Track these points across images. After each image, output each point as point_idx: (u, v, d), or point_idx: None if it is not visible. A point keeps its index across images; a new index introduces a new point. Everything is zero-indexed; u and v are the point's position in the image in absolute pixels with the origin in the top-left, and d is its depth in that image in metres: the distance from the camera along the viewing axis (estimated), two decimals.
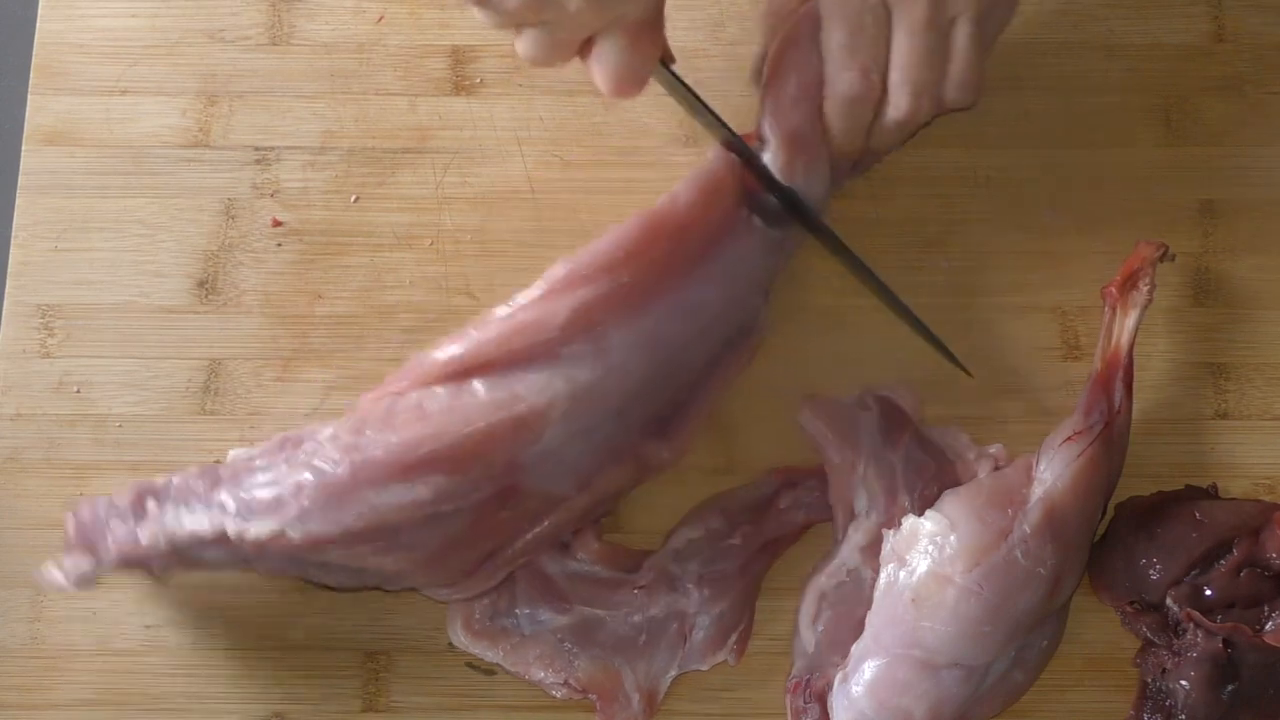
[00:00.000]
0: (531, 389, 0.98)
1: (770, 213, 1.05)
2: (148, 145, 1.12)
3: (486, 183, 1.11)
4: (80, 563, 0.98)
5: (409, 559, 0.97)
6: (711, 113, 1.07)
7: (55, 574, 0.98)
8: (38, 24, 1.14)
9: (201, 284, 1.10)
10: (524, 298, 1.00)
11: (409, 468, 0.96)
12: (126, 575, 1.02)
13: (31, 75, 1.14)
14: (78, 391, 1.08)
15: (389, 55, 1.14)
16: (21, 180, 1.12)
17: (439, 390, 0.98)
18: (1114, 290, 1.04)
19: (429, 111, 1.13)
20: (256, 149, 1.13)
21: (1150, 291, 1.04)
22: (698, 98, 1.07)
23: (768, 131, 1.05)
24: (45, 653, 1.04)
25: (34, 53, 1.14)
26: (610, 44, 1.01)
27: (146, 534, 0.97)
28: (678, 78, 1.06)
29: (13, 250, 1.10)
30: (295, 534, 0.95)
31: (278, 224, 1.11)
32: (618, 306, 1.00)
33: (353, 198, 1.12)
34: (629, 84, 1.02)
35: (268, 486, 0.97)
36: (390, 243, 1.10)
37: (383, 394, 0.99)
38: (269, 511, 0.96)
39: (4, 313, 1.09)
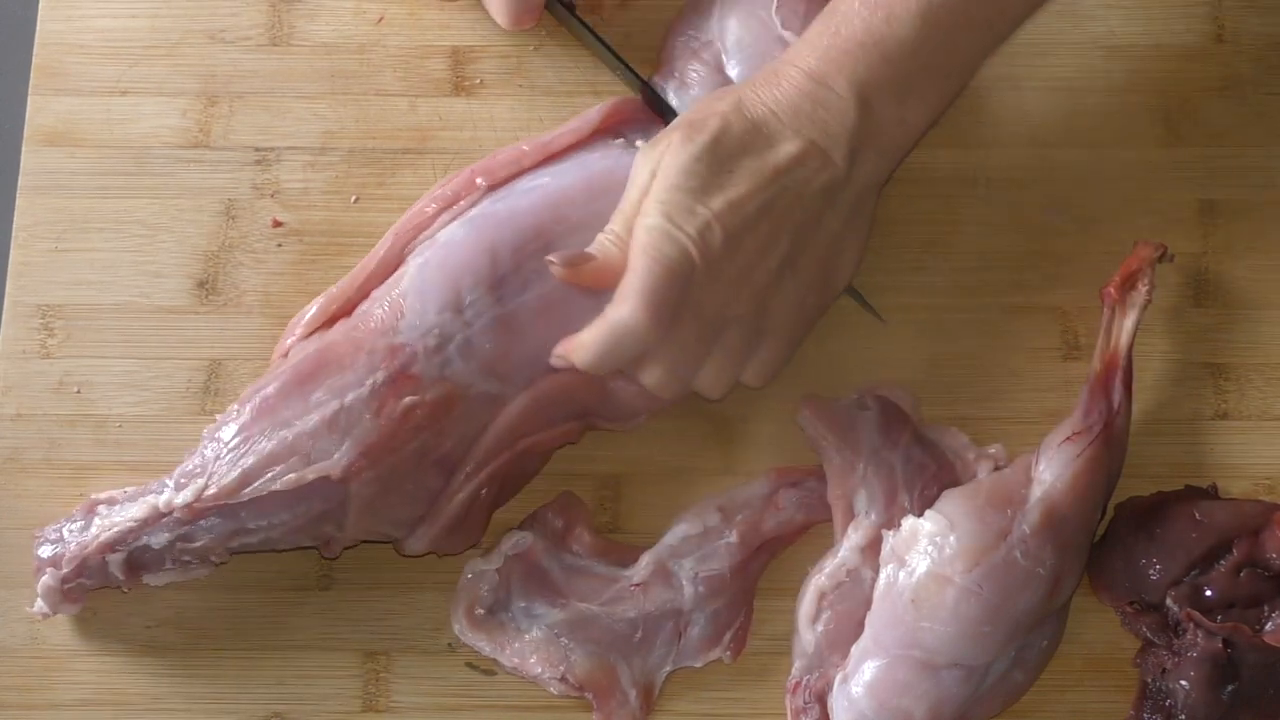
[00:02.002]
0: (386, 288, 1.04)
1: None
2: (148, 146, 1.12)
3: None
4: (46, 578, 1.01)
5: (334, 467, 0.99)
6: (615, 55, 1.10)
7: (38, 603, 1.01)
8: (38, 24, 1.14)
9: (202, 284, 1.10)
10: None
11: (301, 382, 1.00)
12: (98, 589, 1.02)
13: (32, 75, 1.14)
14: (78, 392, 1.08)
15: (389, 56, 1.14)
16: (21, 180, 1.12)
17: (312, 338, 1.04)
18: (1112, 291, 1.04)
19: (429, 112, 1.13)
20: (257, 149, 1.13)
21: (1149, 292, 1.04)
22: (602, 41, 1.10)
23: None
24: (45, 653, 1.04)
25: (34, 53, 1.14)
26: None
27: (92, 532, 1.00)
28: (580, 20, 1.10)
29: (13, 250, 1.11)
30: (219, 479, 0.98)
31: (278, 224, 1.11)
32: (449, 206, 1.06)
33: (353, 198, 1.12)
34: (516, 12, 1.10)
35: (190, 463, 1.00)
36: None
37: (274, 361, 1.05)
38: (193, 477, 0.99)
39: (4, 313, 1.09)
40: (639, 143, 1.07)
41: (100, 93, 1.13)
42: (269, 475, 0.99)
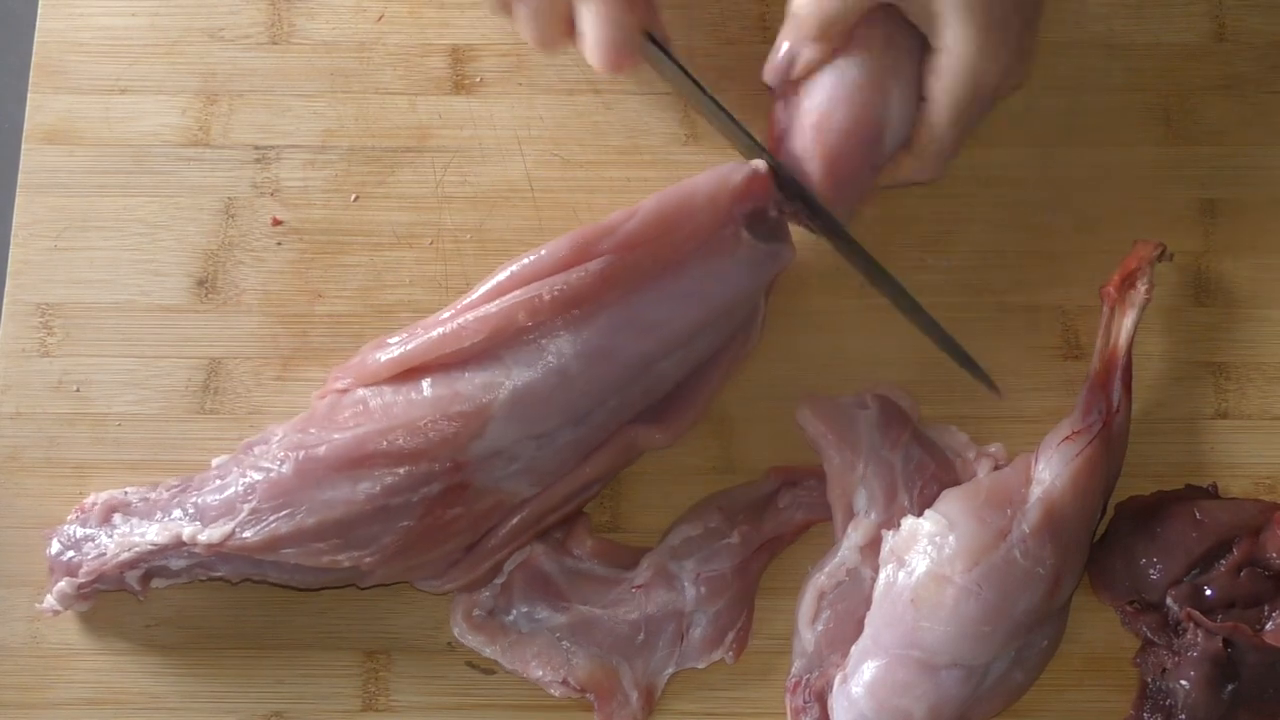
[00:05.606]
0: (472, 386, 0.98)
1: (765, 226, 1.04)
2: (147, 144, 1.12)
3: (486, 182, 1.11)
4: (62, 585, 1.00)
5: (366, 557, 0.98)
6: (706, 92, 1.07)
7: (49, 600, 1.01)
8: (38, 23, 1.14)
9: (201, 283, 1.10)
10: (467, 299, 1.01)
11: (353, 463, 0.97)
12: (110, 591, 1.02)
13: (31, 74, 1.13)
14: (77, 390, 1.08)
15: (389, 54, 1.14)
16: (21, 179, 1.12)
17: (384, 389, 0.99)
18: (1112, 290, 1.04)
19: (429, 110, 1.13)
20: (256, 148, 1.12)
21: (1148, 291, 1.04)
22: (707, 93, 1.07)
23: (801, 144, 1.05)
24: (45, 652, 1.04)
25: (34, 52, 1.14)
26: (589, 13, 1.02)
27: (112, 548, 0.99)
28: (677, 62, 1.06)
29: (12, 249, 1.10)
30: (246, 534, 0.97)
31: (278, 223, 1.11)
32: (565, 310, 0.99)
33: (353, 197, 1.12)
34: (613, 54, 1.03)
35: (219, 491, 0.98)
36: (390, 242, 1.10)
37: (327, 391, 1.01)
38: (221, 515, 0.98)
39: (4, 312, 1.09)
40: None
41: (100, 91, 1.13)
42: (301, 549, 0.97)
